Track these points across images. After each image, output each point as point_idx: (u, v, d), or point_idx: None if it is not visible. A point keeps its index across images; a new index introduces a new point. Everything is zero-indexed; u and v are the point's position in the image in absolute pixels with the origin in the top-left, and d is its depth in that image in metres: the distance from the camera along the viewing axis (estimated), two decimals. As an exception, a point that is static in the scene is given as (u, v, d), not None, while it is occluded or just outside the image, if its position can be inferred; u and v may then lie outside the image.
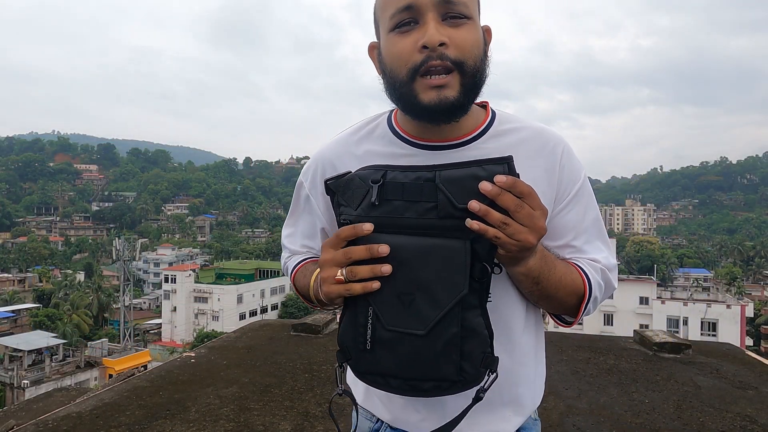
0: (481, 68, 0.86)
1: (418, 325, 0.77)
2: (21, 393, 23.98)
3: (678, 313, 29.39)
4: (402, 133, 0.95)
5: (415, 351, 0.78)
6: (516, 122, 0.96)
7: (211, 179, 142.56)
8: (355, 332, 0.82)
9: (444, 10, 0.82)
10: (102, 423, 2.75)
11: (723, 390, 3.35)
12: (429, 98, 0.83)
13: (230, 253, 71.00)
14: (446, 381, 0.79)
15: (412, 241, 0.79)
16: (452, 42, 0.82)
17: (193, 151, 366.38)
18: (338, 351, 0.85)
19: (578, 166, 0.97)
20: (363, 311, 0.81)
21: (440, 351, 0.78)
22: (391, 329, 0.79)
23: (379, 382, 0.82)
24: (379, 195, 0.80)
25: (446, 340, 0.77)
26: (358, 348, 0.82)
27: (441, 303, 0.77)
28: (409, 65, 0.83)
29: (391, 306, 0.79)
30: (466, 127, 0.93)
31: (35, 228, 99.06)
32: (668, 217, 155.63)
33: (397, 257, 0.78)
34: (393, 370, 0.80)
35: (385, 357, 0.80)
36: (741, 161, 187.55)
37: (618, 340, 4.68)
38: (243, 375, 3.56)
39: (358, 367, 0.83)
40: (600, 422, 2.87)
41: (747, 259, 70.47)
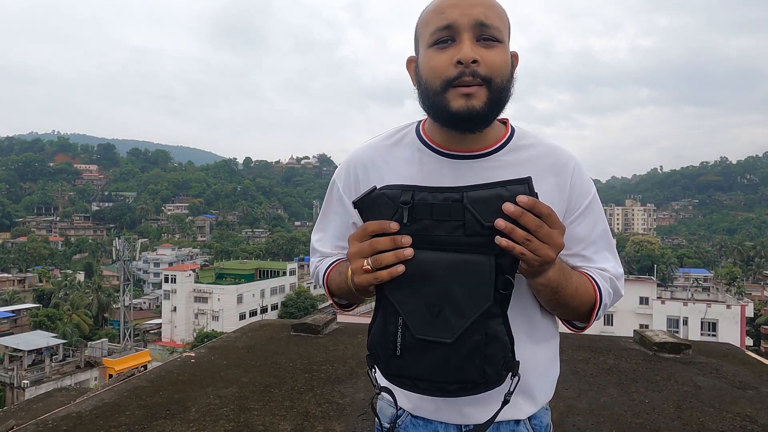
0: (506, 87, 0.95)
1: (446, 334, 0.83)
2: (21, 393, 23.98)
3: (678, 313, 29.38)
4: (429, 142, 1.04)
5: (442, 357, 0.84)
6: (532, 139, 1.05)
7: (211, 179, 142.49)
8: (385, 339, 0.87)
9: (479, 32, 0.91)
10: (102, 423, 2.75)
11: (723, 390, 3.35)
12: (458, 105, 0.91)
13: (230, 253, 70.99)
14: (470, 383, 0.86)
15: (441, 256, 0.84)
16: (483, 60, 0.90)
17: (193, 151, 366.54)
18: (368, 355, 0.91)
19: (588, 183, 1.06)
20: (393, 320, 0.86)
21: (465, 357, 0.84)
22: (420, 337, 0.84)
23: (407, 384, 0.88)
24: (410, 216, 0.85)
25: (471, 347, 0.84)
26: (388, 354, 0.87)
27: (467, 313, 0.83)
28: (443, 77, 0.91)
29: (420, 316, 0.84)
30: (488, 140, 1.01)
31: (35, 228, 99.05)
32: (668, 217, 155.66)
33: (426, 271, 0.84)
34: (421, 374, 0.86)
35: (414, 362, 0.86)
36: (741, 161, 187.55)
37: (618, 340, 4.68)
38: (243, 375, 3.56)
39: (388, 371, 0.89)
40: (600, 422, 2.87)
41: (747, 259, 70.47)
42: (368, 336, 0.91)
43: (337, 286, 1.09)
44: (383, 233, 0.86)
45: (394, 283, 0.86)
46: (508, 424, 1.06)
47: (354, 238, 0.90)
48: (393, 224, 0.85)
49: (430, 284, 0.84)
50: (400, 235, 0.85)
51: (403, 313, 0.85)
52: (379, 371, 0.91)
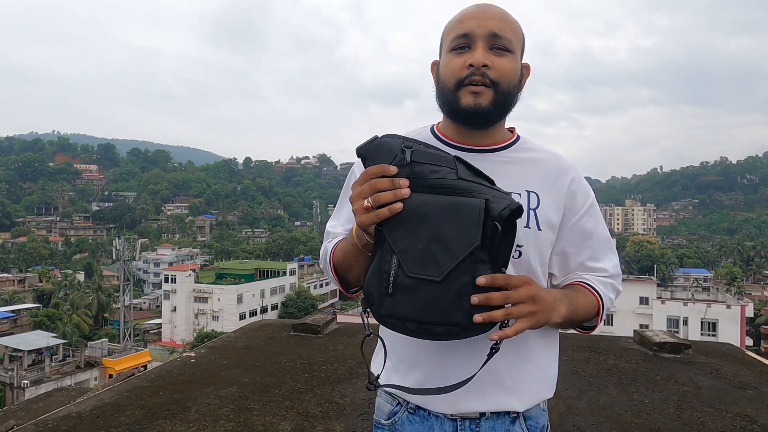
0: (513, 92, 1.06)
1: (435, 272, 0.87)
2: (21, 393, 23.98)
3: (678, 313, 29.37)
4: (443, 137, 1.15)
5: (431, 296, 0.88)
6: (536, 146, 1.17)
7: (211, 179, 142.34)
8: (380, 278, 0.91)
9: (492, 42, 1.04)
10: (102, 423, 2.75)
11: (723, 390, 3.34)
12: (467, 101, 1.03)
13: (230, 253, 70.96)
14: (457, 326, 0.89)
15: (435, 198, 0.90)
16: (494, 66, 1.02)
17: (193, 151, 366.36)
18: (362, 298, 0.96)
19: (588, 188, 1.17)
20: (388, 259, 0.91)
21: (453, 298, 0.87)
22: (412, 275, 0.88)
23: (397, 325, 0.92)
24: (411, 157, 0.93)
25: (458, 288, 0.87)
26: (381, 293, 0.91)
27: (456, 253, 0.87)
28: (457, 77, 1.04)
29: (413, 255, 0.89)
30: (496, 139, 1.13)
31: (35, 228, 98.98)
32: (668, 217, 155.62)
33: (421, 212, 0.90)
34: (410, 314, 0.90)
35: (404, 301, 0.89)
36: (741, 161, 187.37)
37: (618, 340, 4.68)
38: (243, 375, 3.56)
39: (380, 310, 0.92)
40: (600, 422, 2.87)
41: (747, 259, 70.45)
42: (364, 279, 0.96)
43: (344, 252, 1.12)
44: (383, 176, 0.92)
45: (391, 223, 0.91)
46: (503, 422, 1.09)
47: (356, 183, 0.95)
48: (392, 168, 0.92)
49: (423, 224, 0.89)
50: (398, 177, 0.91)
51: (397, 251, 0.90)
52: (372, 313, 0.94)
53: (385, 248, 0.92)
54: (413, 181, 0.92)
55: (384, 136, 0.97)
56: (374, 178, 0.92)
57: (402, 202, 0.90)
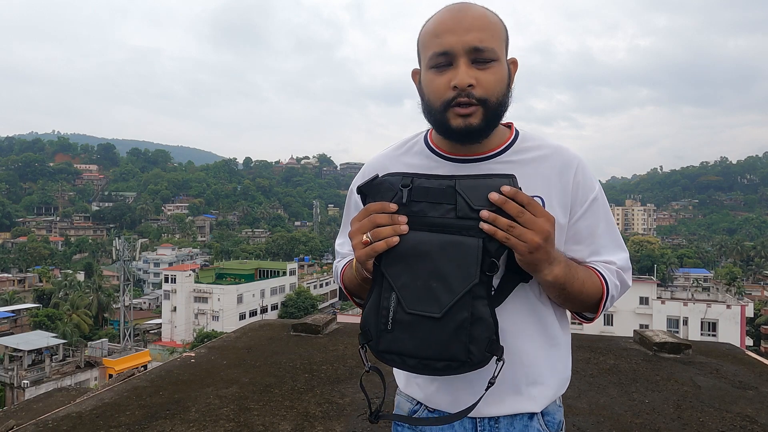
0: (503, 101, 1.01)
1: (435, 309, 0.89)
2: (21, 393, 23.98)
3: (678, 313, 29.36)
4: (436, 148, 1.11)
5: (430, 332, 0.90)
6: (537, 140, 1.11)
7: (211, 179, 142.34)
8: (378, 315, 0.93)
9: (474, 56, 0.98)
10: (102, 423, 2.75)
11: (723, 390, 3.34)
12: (456, 124, 0.99)
13: (230, 253, 70.97)
14: (456, 361, 0.91)
15: (434, 236, 0.92)
16: (479, 83, 0.97)
17: (193, 151, 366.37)
18: (360, 333, 0.97)
19: (592, 180, 1.11)
20: (387, 295, 0.92)
21: (452, 333, 0.89)
22: (411, 312, 0.90)
23: (396, 361, 0.93)
24: (409, 197, 0.94)
25: (458, 324, 0.89)
26: (380, 329, 0.93)
27: (455, 290, 0.89)
28: (442, 99, 0.99)
29: (412, 291, 0.91)
30: (492, 144, 1.08)
31: (35, 228, 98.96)
32: (668, 217, 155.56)
33: (420, 250, 0.91)
34: (410, 350, 0.91)
35: (404, 338, 0.91)
36: (741, 161, 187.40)
37: (618, 340, 4.68)
38: (243, 375, 3.56)
39: (379, 346, 0.93)
40: (600, 422, 2.87)
41: (747, 259, 70.44)
42: (361, 314, 0.96)
43: (349, 278, 1.16)
44: (382, 212, 0.94)
45: (390, 260, 0.93)
46: (521, 419, 1.09)
47: (355, 219, 0.97)
48: (392, 205, 0.94)
49: (423, 262, 0.91)
50: (397, 214, 0.93)
51: (396, 288, 0.91)
52: (370, 349, 0.95)
53: (383, 285, 0.93)
54: (413, 219, 0.93)
55: (385, 175, 0.98)
56: (374, 214, 0.94)
57: (401, 239, 0.92)
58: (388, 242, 0.91)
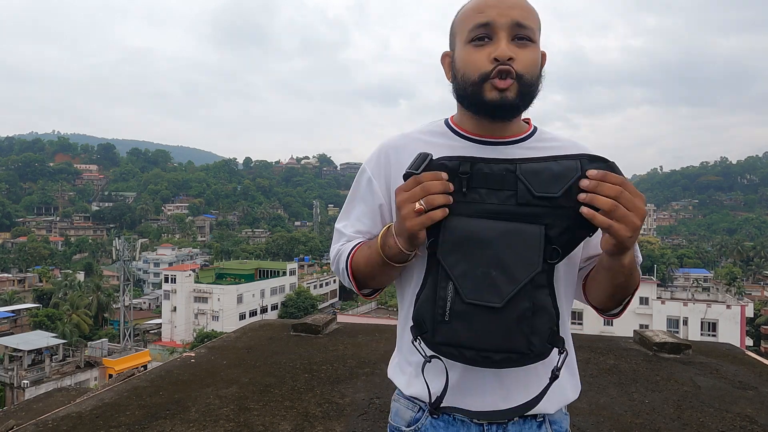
0: (536, 83, 1.02)
1: (495, 299, 0.86)
2: (21, 393, 23.97)
3: (678, 313, 29.36)
4: (460, 130, 1.10)
5: (490, 323, 0.87)
6: (556, 135, 1.13)
7: (211, 179, 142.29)
8: (435, 305, 0.90)
9: (515, 32, 0.98)
10: (102, 423, 2.75)
11: (723, 390, 3.34)
12: (492, 96, 0.98)
13: (230, 253, 70.94)
14: (516, 353, 0.88)
15: (494, 224, 0.89)
16: (518, 58, 0.97)
17: (193, 151, 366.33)
18: (412, 326, 0.94)
19: None
20: (444, 285, 0.89)
21: (513, 324, 0.86)
22: (470, 302, 0.87)
23: (454, 354, 0.90)
24: (469, 183, 0.90)
25: (519, 314, 0.86)
26: (437, 320, 0.89)
27: (517, 279, 0.86)
28: (481, 71, 0.98)
29: (471, 280, 0.87)
30: (514, 131, 1.08)
31: (35, 228, 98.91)
32: (668, 217, 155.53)
33: (480, 237, 0.88)
34: (468, 342, 0.88)
35: (462, 328, 0.88)
36: (741, 161, 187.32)
37: (618, 341, 4.68)
38: (243, 375, 3.56)
39: (435, 338, 0.90)
40: (600, 422, 2.87)
41: (747, 259, 70.42)
42: (414, 306, 0.94)
43: (367, 260, 1.07)
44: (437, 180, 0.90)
45: (447, 247, 0.89)
46: (531, 425, 1.06)
47: (401, 189, 0.92)
48: (444, 174, 0.89)
49: (482, 249, 0.88)
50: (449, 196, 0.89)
51: (454, 277, 0.88)
52: (425, 342, 0.92)
53: (440, 273, 0.90)
54: (471, 206, 0.90)
55: (441, 158, 0.92)
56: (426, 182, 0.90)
57: (459, 226, 0.89)
58: (444, 212, 0.88)
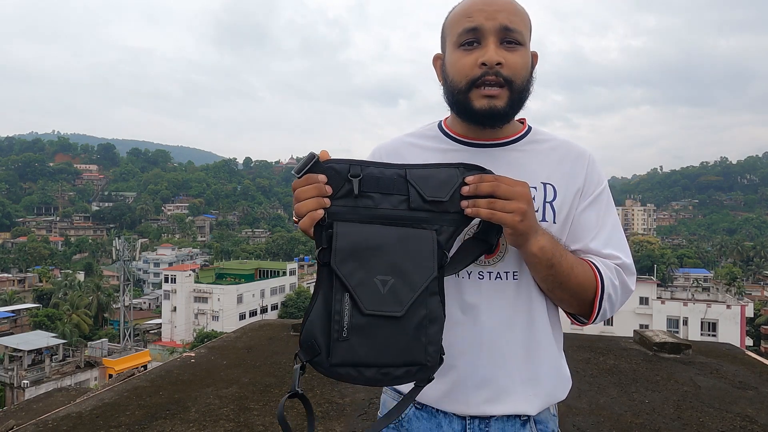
0: (526, 87, 1.01)
1: (396, 307, 0.82)
2: (21, 393, 23.97)
3: (678, 313, 29.35)
4: (451, 133, 1.10)
5: (391, 335, 0.82)
6: (549, 135, 1.12)
7: (211, 179, 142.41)
8: (330, 321, 0.82)
9: (503, 36, 0.98)
10: (102, 423, 2.75)
11: (723, 390, 3.34)
12: (481, 104, 0.98)
13: (230, 253, 70.96)
14: (416, 364, 0.84)
15: (389, 230, 0.86)
16: (507, 63, 0.97)
17: (193, 151, 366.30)
18: (301, 350, 0.83)
19: (600, 175, 1.10)
20: (339, 297, 0.82)
21: (413, 333, 0.83)
22: (369, 312, 0.81)
23: (352, 375, 0.83)
24: (360, 187, 0.87)
25: (418, 322, 0.83)
26: (333, 338, 0.81)
27: (416, 285, 0.83)
28: (468, 77, 0.98)
29: (369, 290, 0.82)
30: (506, 132, 1.08)
31: (35, 228, 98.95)
32: (668, 218, 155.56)
33: (375, 244, 0.84)
34: (368, 358, 0.82)
35: (361, 344, 0.81)
36: (741, 161, 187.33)
37: (618, 341, 4.68)
38: (243, 375, 3.56)
39: (332, 359, 0.81)
40: (600, 422, 2.87)
41: (747, 259, 70.43)
42: (303, 325, 0.84)
43: None
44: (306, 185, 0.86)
45: (341, 255, 0.83)
46: (514, 424, 1.04)
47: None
48: (320, 176, 0.86)
49: (379, 256, 0.84)
50: (317, 174, 0.86)
51: (351, 287, 0.82)
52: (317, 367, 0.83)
53: (334, 285, 0.83)
54: (364, 211, 0.87)
55: (328, 161, 0.88)
56: (297, 189, 0.87)
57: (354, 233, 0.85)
58: (311, 216, 0.84)
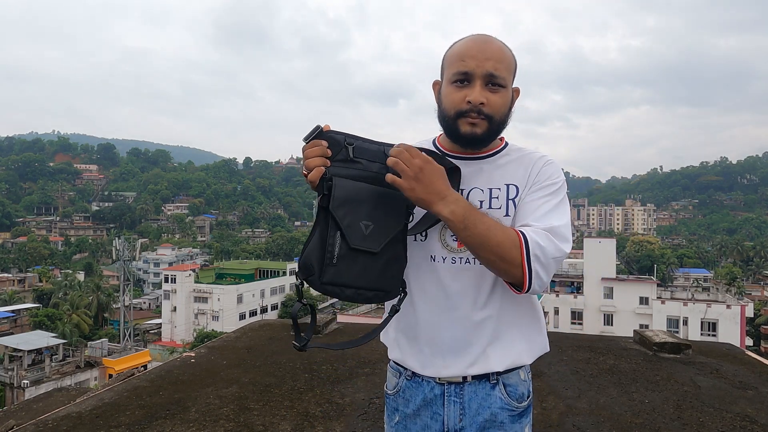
0: (504, 120, 1.25)
1: (374, 245, 1.11)
2: (21, 393, 23.97)
3: (678, 313, 29.35)
4: (443, 149, 1.33)
5: (368, 265, 1.10)
6: (522, 149, 1.33)
7: (211, 179, 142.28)
8: (324, 251, 1.08)
9: (488, 80, 1.20)
10: (102, 423, 2.75)
11: (723, 390, 3.34)
12: (465, 130, 1.22)
13: (230, 253, 70.95)
14: (382, 291, 1.14)
15: (372, 188, 1.13)
16: (488, 103, 1.20)
17: (193, 151, 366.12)
18: (299, 270, 1.09)
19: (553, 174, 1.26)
20: (333, 233, 1.08)
21: (382, 267, 1.12)
22: (354, 247, 1.09)
23: (336, 292, 1.09)
24: (353, 153, 1.13)
25: (387, 259, 1.13)
26: (325, 263, 1.07)
27: (389, 231, 1.13)
28: (457, 109, 1.22)
29: (356, 230, 1.09)
30: (488, 149, 1.31)
31: (35, 228, 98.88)
32: (668, 217, 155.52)
33: (363, 197, 1.11)
34: (349, 281, 1.09)
35: (346, 269, 1.08)
36: (741, 161, 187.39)
37: (618, 340, 4.68)
38: (243, 375, 3.57)
39: (322, 278, 1.07)
40: (600, 422, 2.87)
41: (747, 259, 70.43)
42: (302, 253, 1.09)
43: None
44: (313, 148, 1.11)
45: (337, 202, 1.08)
46: (484, 387, 1.26)
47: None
48: (322, 141, 1.10)
49: (364, 206, 1.11)
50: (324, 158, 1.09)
51: (343, 226, 1.08)
52: (310, 284, 1.09)
53: (329, 224, 1.08)
54: (356, 171, 1.12)
55: (329, 131, 1.12)
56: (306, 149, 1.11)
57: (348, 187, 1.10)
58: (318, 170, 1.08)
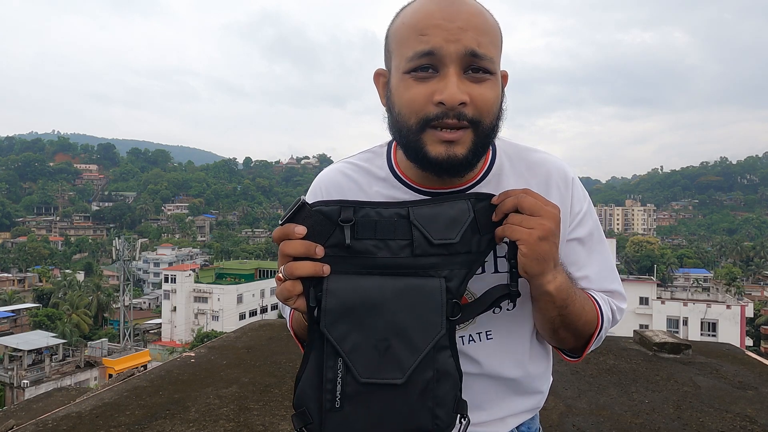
0: (495, 125, 0.80)
1: (397, 374, 0.72)
2: (21, 393, 23.98)
3: (678, 313, 29.36)
4: (403, 177, 0.90)
5: (391, 403, 0.73)
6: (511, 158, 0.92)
7: (211, 179, 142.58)
8: (320, 390, 0.73)
9: (468, 63, 0.75)
10: (102, 423, 2.75)
11: (723, 390, 3.35)
12: (437, 152, 0.77)
13: (230, 253, 70.99)
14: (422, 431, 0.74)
15: (386, 281, 0.74)
16: (472, 101, 0.75)
17: (193, 151, 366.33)
18: (294, 415, 0.75)
19: (584, 197, 0.93)
20: (331, 364, 0.73)
21: (417, 399, 0.73)
22: (366, 381, 0.72)
23: None
24: (353, 234, 0.75)
25: (423, 386, 0.73)
26: (325, 407, 0.73)
27: (419, 347, 0.73)
28: (420, 115, 0.76)
29: (365, 355, 0.72)
30: (468, 175, 0.86)
31: (35, 228, 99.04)
32: (668, 218, 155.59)
33: (371, 300, 0.73)
34: (365, 430, 0.73)
35: (357, 415, 0.72)
36: (741, 161, 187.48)
37: (618, 340, 4.68)
38: (243, 375, 3.57)
39: (324, 429, 0.73)
40: (600, 422, 2.87)
41: (747, 260, 70.45)
42: (295, 391, 0.76)
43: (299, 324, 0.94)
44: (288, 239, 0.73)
45: (332, 316, 0.73)
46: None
47: None
48: (299, 227, 0.73)
49: (375, 315, 0.72)
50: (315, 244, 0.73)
51: (344, 353, 0.72)
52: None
53: (325, 350, 0.73)
54: (358, 261, 0.75)
55: (316, 204, 0.76)
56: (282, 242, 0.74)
57: (347, 289, 0.73)
58: (294, 286, 0.73)
